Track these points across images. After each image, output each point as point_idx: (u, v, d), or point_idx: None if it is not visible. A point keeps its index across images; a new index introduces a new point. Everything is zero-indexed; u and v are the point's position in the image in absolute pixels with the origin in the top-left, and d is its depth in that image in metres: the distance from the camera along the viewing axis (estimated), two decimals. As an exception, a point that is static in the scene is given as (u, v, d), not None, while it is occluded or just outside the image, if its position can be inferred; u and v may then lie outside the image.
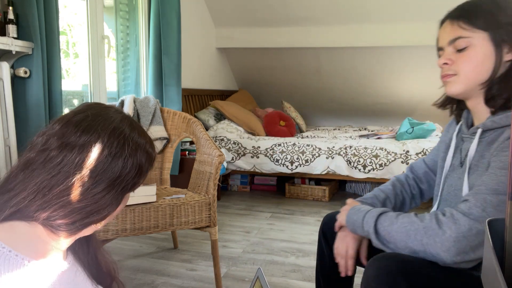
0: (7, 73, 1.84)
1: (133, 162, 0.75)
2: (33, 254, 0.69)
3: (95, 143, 0.71)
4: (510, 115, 0.92)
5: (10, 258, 0.65)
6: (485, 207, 0.86)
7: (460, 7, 0.98)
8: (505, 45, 0.93)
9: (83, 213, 0.71)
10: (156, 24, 3.03)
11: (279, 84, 4.98)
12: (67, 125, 0.72)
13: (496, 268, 0.52)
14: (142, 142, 0.77)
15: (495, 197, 0.86)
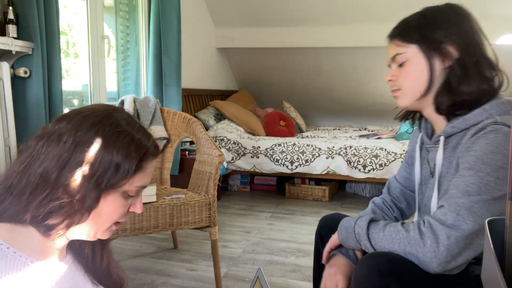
0: (7, 73, 1.84)
1: (103, 155, 0.69)
2: (33, 254, 0.69)
3: (62, 130, 0.69)
4: (467, 118, 0.94)
5: (8, 255, 0.66)
6: (459, 210, 0.86)
7: (395, 26, 1.05)
8: (436, 55, 0.97)
9: (61, 210, 0.68)
10: (156, 24, 3.03)
11: (279, 84, 4.98)
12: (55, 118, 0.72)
13: (496, 268, 0.52)
14: (121, 136, 0.71)
15: (466, 198, 0.87)
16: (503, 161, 0.85)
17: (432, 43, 0.97)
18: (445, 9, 1.01)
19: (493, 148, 0.87)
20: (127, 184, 0.72)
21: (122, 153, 0.70)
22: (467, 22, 1.00)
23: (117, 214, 0.74)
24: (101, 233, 0.75)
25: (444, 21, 0.98)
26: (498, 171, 0.86)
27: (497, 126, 0.89)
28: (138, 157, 0.73)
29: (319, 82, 4.76)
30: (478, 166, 0.87)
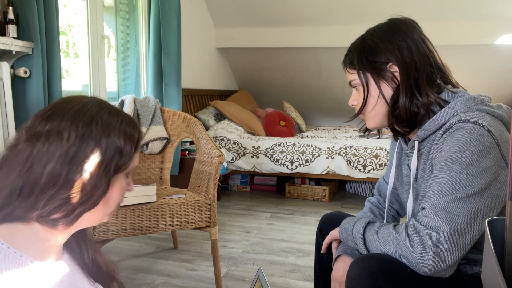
0: (7, 73, 1.84)
1: (107, 143, 0.72)
2: (34, 253, 0.70)
3: (60, 128, 0.69)
4: (436, 119, 0.97)
5: (9, 255, 0.66)
6: (436, 211, 0.88)
7: (346, 54, 1.10)
8: (383, 78, 1.01)
9: (72, 202, 0.69)
10: (156, 24, 3.03)
11: (279, 84, 4.98)
12: (34, 118, 0.72)
13: (496, 268, 0.52)
14: (114, 121, 0.74)
15: (442, 199, 0.88)
16: (472, 157, 0.87)
17: (376, 68, 1.01)
18: (385, 28, 1.05)
19: (460, 146, 0.89)
20: (131, 164, 0.77)
21: (122, 137, 0.74)
22: (407, 37, 1.01)
23: (122, 196, 0.78)
24: (107, 216, 0.79)
25: (383, 44, 1.01)
26: (468, 168, 0.87)
27: (461, 124, 0.90)
28: (135, 137, 0.78)
29: (319, 82, 4.77)
30: (449, 166, 0.89)
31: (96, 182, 0.71)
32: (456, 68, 4.18)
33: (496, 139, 0.88)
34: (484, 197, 0.86)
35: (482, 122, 0.88)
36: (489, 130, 0.88)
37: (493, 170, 0.87)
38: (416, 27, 1.04)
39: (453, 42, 3.88)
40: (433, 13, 3.79)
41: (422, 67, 0.99)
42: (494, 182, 0.87)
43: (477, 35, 3.81)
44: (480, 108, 0.92)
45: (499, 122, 0.91)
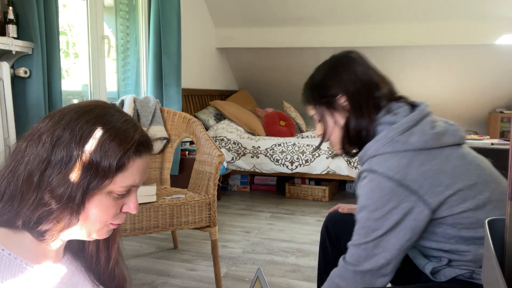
0: (7, 73, 1.84)
1: (79, 154, 0.65)
2: (29, 256, 0.68)
3: (43, 130, 0.66)
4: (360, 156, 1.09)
5: (3, 257, 0.65)
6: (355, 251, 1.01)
7: (302, 94, 1.21)
8: (334, 110, 1.12)
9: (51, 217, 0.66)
10: (156, 24, 3.03)
11: (279, 84, 4.98)
12: None
13: (496, 268, 0.52)
14: (96, 131, 0.66)
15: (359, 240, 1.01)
16: (375, 204, 0.98)
17: (327, 102, 1.12)
18: (329, 65, 1.15)
19: (366, 195, 1.01)
20: (111, 184, 0.68)
21: (100, 151, 0.66)
22: (348, 69, 1.11)
23: (107, 216, 0.70)
24: (96, 234, 0.72)
25: (329, 79, 1.12)
26: (374, 214, 0.98)
27: (365, 173, 1.02)
28: (119, 154, 0.67)
29: (319, 82, 4.76)
30: (361, 212, 1.01)
31: (70, 195, 0.65)
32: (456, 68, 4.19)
33: (397, 180, 0.96)
34: (395, 233, 0.97)
35: (380, 169, 0.99)
36: (388, 175, 0.97)
37: (400, 208, 0.96)
38: (356, 58, 1.13)
39: (453, 42, 3.88)
40: (433, 13, 3.79)
41: (363, 95, 1.08)
42: (405, 218, 0.96)
43: (477, 35, 3.81)
44: (385, 150, 1.01)
45: (408, 154, 0.99)
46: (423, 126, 1.03)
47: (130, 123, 0.71)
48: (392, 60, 4.26)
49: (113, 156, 0.66)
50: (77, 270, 0.78)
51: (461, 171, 0.99)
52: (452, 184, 0.97)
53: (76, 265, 0.79)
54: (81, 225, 0.70)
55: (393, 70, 4.38)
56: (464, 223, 0.98)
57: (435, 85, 4.42)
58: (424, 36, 3.91)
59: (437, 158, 0.99)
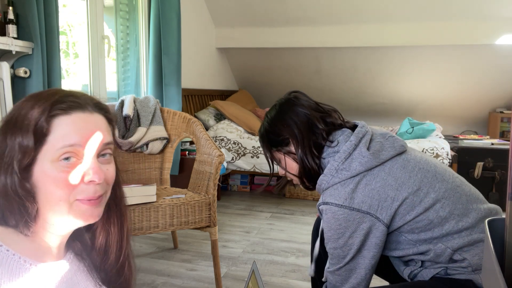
0: (7, 73, 1.84)
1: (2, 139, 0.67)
2: (27, 253, 0.68)
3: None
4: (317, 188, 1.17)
5: (6, 257, 0.64)
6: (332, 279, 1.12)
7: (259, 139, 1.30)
8: (286, 152, 1.20)
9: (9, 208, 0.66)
10: (156, 24, 3.03)
11: (279, 84, 4.97)
12: None
13: (496, 268, 0.52)
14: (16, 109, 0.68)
15: (333, 268, 1.11)
16: (336, 233, 1.07)
17: (278, 146, 1.21)
18: (275, 112, 1.22)
19: (326, 226, 1.09)
20: (45, 152, 0.66)
21: (20, 126, 0.66)
22: (292, 113, 1.19)
23: (59, 188, 0.66)
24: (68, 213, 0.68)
25: (276, 126, 1.20)
26: (338, 242, 1.07)
27: (322, 206, 1.10)
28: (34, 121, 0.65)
29: (319, 82, 4.77)
30: (327, 244, 1.11)
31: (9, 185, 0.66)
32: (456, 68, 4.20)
33: (347, 206, 1.05)
34: (361, 254, 1.06)
35: (332, 200, 1.07)
36: (339, 204, 1.06)
37: (359, 230, 1.04)
38: (297, 99, 1.21)
39: (453, 42, 3.87)
40: (433, 13, 3.78)
41: (307, 135, 1.16)
42: (366, 238, 1.05)
43: (477, 35, 3.81)
44: (334, 181, 1.09)
45: (354, 179, 1.07)
46: (361, 149, 1.10)
47: (53, 89, 0.71)
48: (392, 60, 4.26)
49: (29, 124, 0.65)
50: (79, 270, 0.77)
51: (403, 180, 1.07)
52: (397, 195, 1.05)
53: (79, 265, 0.78)
54: (47, 207, 0.68)
55: (393, 70, 4.38)
56: (419, 226, 1.05)
57: (435, 85, 4.42)
58: (424, 36, 3.91)
59: (380, 175, 1.07)
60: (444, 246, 1.04)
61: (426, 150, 3.13)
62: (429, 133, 3.54)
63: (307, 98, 1.24)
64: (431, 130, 3.54)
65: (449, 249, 1.04)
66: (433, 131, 3.57)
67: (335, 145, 1.14)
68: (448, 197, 1.06)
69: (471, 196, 1.10)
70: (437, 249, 1.04)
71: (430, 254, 1.05)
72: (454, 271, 1.05)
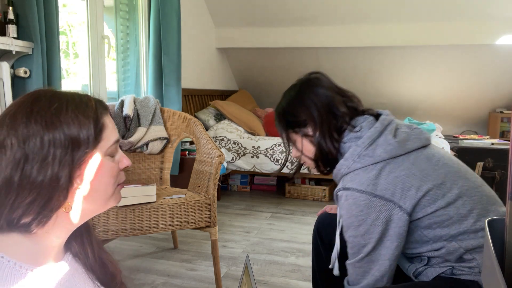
0: (7, 73, 1.84)
1: (54, 136, 0.66)
2: (25, 258, 0.67)
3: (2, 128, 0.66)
4: (335, 174, 1.12)
5: (2, 264, 0.64)
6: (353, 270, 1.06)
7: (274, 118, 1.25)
8: (304, 134, 1.17)
9: (35, 204, 0.66)
10: (156, 24, 3.03)
11: (279, 84, 4.97)
12: None
13: (496, 268, 0.52)
14: (56, 110, 0.68)
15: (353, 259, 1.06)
16: (357, 219, 1.02)
17: (295, 127, 1.17)
18: (296, 89, 1.19)
19: (346, 213, 1.05)
20: (101, 147, 0.72)
21: (73, 125, 0.68)
22: (312, 95, 1.15)
23: (113, 177, 0.75)
24: (112, 198, 0.76)
25: (295, 107, 1.17)
26: (359, 229, 1.03)
27: (341, 192, 1.07)
28: (92, 119, 0.71)
29: (319, 82, 4.76)
30: (347, 232, 1.06)
31: (53, 179, 0.66)
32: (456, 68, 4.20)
33: (370, 192, 1.02)
34: (383, 244, 1.02)
35: (353, 185, 1.04)
36: (361, 190, 1.02)
37: (381, 218, 1.01)
38: (319, 81, 1.18)
39: (453, 42, 3.87)
40: (433, 13, 3.78)
41: (327, 118, 1.13)
42: (388, 226, 1.01)
43: (477, 35, 3.81)
44: (355, 166, 1.06)
45: (377, 166, 1.04)
46: (386, 137, 1.07)
47: (77, 93, 0.75)
48: (392, 60, 4.26)
49: (88, 123, 0.70)
50: (76, 272, 0.78)
51: (428, 172, 1.04)
52: (421, 185, 1.02)
53: (77, 266, 0.78)
54: (93, 197, 0.72)
55: (393, 70, 4.38)
56: (438, 221, 1.03)
57: (435, 85, 4.42)
58: (424, 36, 3.91)
59: (404, 164, 1.04)
60: (457, 245, 1.02)
61: (426, 150, 3.13)
62: (429, 133, 3.53)
63: (329, 80, 1.19)
64: (431, 130, 3.54)
65: (462, 249, 1.02)
66: (433, 131, 3.57)
67: (358, 130, 1.10)
68: (469, 195, 1.04)
69: (491, 197, 1.08)
70: (450, 247, 1.02)
71: (442, 251, 1.03)
72: (460, 271, 1.03)
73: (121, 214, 1.66)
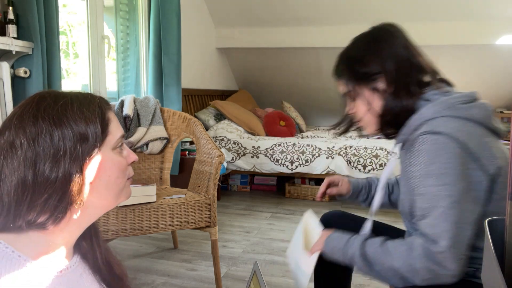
0: (7, 73, 1.84)
1: (63, 133, 0.67)
2: (34, 254, 0.68)
3: (9, 140, 0.67)
4: (409, 124, 1.01)
5: (13, 259, 0.64)
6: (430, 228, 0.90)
7: (335, 65, 1.12)
8: (372, 87, 1.04)
9: (50, 201, 0.67)
10: (156, 24, 3.03)
11: (279, 84, 4.98)
12: None
13: (496, 268, 0.52)
14: (62, 108, 0.69)
15: (431, 215, 0.91)
16: (442, 167, 0.90)
17: (363, 78, 1.05)
18: (368, 39, 1.08)
19: (429, 159, 0.92)
20: (109, 141, 0.73)
21: (80, 120, 0.69)
22: (389, 46, 1.04)
23: (122, 171, 0.76)
24: (123, 193, 0.77)
25: (368, 55, 1.06)
26: (442, 179, 0.90)
27: (426, 136, 0.94)
28: (97, 114, 0.72)
29: (319, 82, 4.77)
30: (425, 181, 0.93)
31: (66, 175, 0.67)
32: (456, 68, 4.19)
33: (462, 142, 0.91)
34: (462, 205, 0.89)
35: (445, 130, 0.92)
36: (453, 136, 0.91)
37: (465, 174, 0.90)
38: (396, 32, 1.07)
39: (453, 42, 3.88)
40: (433, 13, 3.78)
41: (405, 73, 1.02)
42: (470, 187, 0.90)
43: (477, 35, 3.81)
44: (447, 113, 0.96)
45: (469, 123, 0.95)
46: (484, 104, 0.99)
47: (76, 92, 0.76)
48: (392, 60, 4.26)
49: (94, 118, 0.71)
50: (84, 272, 0.78)
51: (507, 161, 0.95)
52: (503, 165, 0.94)
53: (84, 267, 0.79)
54: (105, 193, 0.73)
55: (393, 70, 4.38)
56: (496, 212, 0.92)
57: (435, 85, 4.42)
58: (424, 36, 3.90)
59: (492, 137, 0.97)
60: None
61: (426, 150, 3.14)
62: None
63: (409, 36, 1.07)
64: (431, 130, 3.54)
65: None
66: (433, 131, 3.57)
67: (445, 92, 1.01)
68: None
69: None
70: None
71: (479, 253, 0.93)
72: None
73: (121, 214, 1.66)
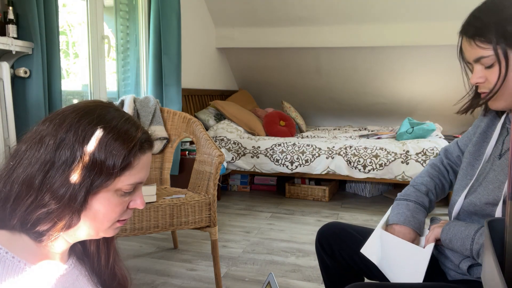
0: (7, 73, 1.84)
1: (83, 153, 0.66)
2: (33, 259, 0.68)
3: (44, 133, 0.67)
4: None
5: (6, 260, 0.64)
6: None
7: (471, 23, 0.93)
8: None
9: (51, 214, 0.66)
10: (156, 24, 3.03)
11: (279, 84, 4.98)
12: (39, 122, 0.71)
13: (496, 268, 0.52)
14: (98, 131, 0.67)
15: None
16: None
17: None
18: None
19: None
20: (117, 182, 0.69)
21: (105, 150, 0.67)
22: None
23: (115, 213, 0.72)
24: (104, 232, 0.73)
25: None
26: None
27: None
28: (123, 153, 0.68)
29: (319, 82, 4.77)
30: None
31: (71, 195, 0.66)
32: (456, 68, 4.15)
33: None
34: None
35: None
36: None
37: None
38: None
39: (453, 42, 3.86)
40: (433, 13, 3.79)
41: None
42: None
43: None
44: None
45: None
46: None
47: (130, 121, 0.72)
48: (392, 60, 4.26)
49: (118, 155, 0.68)
50: (80, 275, 0.78)
51: None
52: None
53: (80, 269, 0.78)
54: (89, 224, 0.70)
55: (393, 70, 4.38)
56: None
57: (435, 85, 4.42)
58: (424, 36, 3.91)
59: None
60: None
61: (426, 150, 3.13)
62: (429, 133, 3.54)
63: None
64: (431, 130, 3.54)
65: None
66: (433, 131, 3.57)
67: None
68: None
69: None
70: None
71: None
72: None
73: (121, 214, 1.66)
